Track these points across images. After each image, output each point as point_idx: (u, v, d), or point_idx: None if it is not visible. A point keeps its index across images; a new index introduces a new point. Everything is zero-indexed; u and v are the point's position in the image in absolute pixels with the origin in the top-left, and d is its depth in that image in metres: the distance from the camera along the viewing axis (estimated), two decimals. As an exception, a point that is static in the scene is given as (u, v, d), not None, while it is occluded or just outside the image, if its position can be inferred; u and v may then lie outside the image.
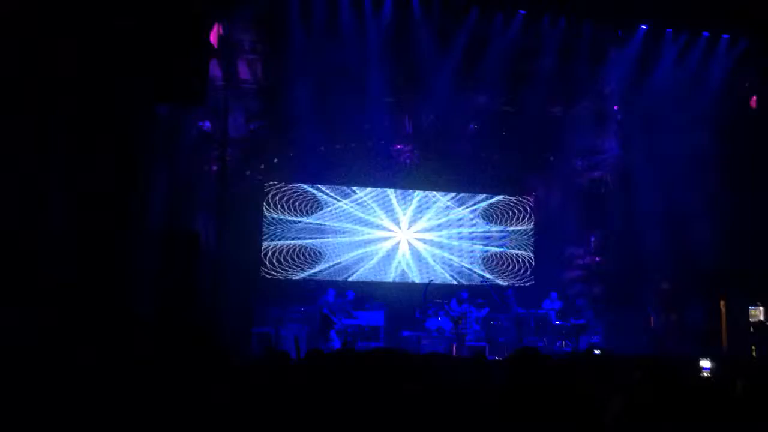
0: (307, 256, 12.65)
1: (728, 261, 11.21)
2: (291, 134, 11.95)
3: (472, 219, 13.45)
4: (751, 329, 10.60)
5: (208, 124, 10.76)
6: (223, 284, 10.02)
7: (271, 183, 12.60)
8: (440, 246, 13.25)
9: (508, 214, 13.57)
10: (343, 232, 12.89)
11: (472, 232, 13.42)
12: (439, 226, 13.28)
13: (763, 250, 11.03)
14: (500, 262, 13.41)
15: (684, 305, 11.66)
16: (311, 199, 12.80)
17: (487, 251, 13.41)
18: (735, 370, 4.24)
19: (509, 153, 12.97)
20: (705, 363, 5.08)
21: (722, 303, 10.98)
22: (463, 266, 13.23)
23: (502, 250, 13.42)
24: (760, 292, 10.84)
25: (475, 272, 13.23)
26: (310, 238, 12.70)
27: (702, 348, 10.18)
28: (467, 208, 13.45)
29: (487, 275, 13.19)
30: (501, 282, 13.20)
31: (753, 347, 10.30)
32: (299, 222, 12.66)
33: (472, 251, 13.35)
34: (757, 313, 10.78)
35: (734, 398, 2.93)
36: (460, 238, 13.35)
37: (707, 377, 4.82)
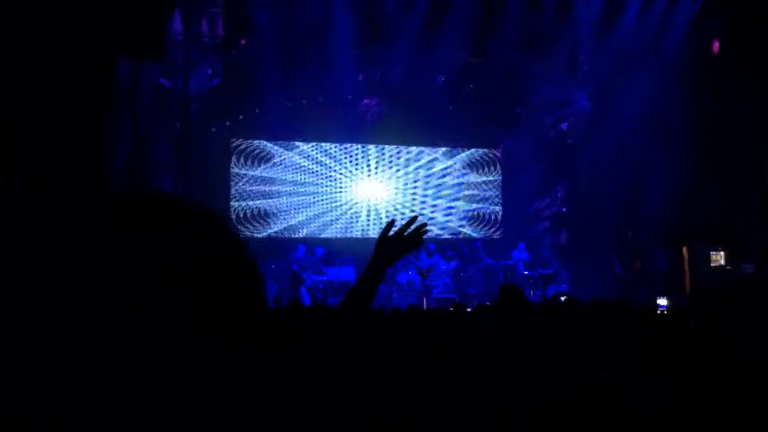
0: (275, 214, 12.58)
1: (691, 209, 11.49)
2: (256, 90, 11.75)
3: (441, 172, 13.47)
4: (712, 274, 10.90)
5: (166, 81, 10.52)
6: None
7: (237, 140, 12.42)
8: (407, 199, 13.27)
9: (475, 167, 13.62)
10: (311, 188, 12.82)
11: (440, 185, 13.45)
12: (406, 179, 13.28)
13: (725, 197, 11.30)
14: (469, 215, 13.51)
15: (648, 253, 11.95)
16: (278, 155, 12.67)
17: (454, 205, 13.48)
18: (689, 308, 4.40)
19: (476, 106, 12.95)
20: (662, 302, 5.36)
21: (685, 249, 11.24)
22: (431, 219, 13.30)
23: (469, 204, 13.51)
24: (722, 237, 11.13)
25: (443, 225, 13.33)
26: (278, 196, 12.61)
27: (665, 293, 10.47)
28: (436, 161, 13.46)
29: (456, 228, 13.30)
30: (470, 234, 13.32)
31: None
32: (266, 179, 12.55)
33: (439, 204, 13.41)
34: (718, 257, 11.07)
35: (685, 329, 3.05)
36: (428, 192, 13.39)
37: (662, 313, 5.03)
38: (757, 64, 10.89)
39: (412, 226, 1.95)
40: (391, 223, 2.00)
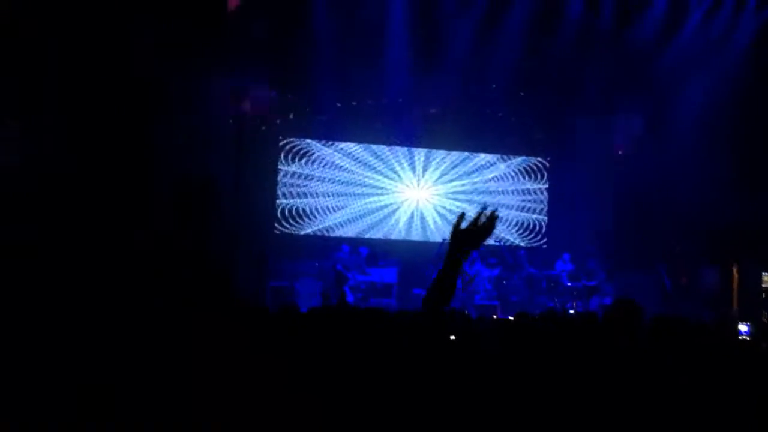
0: (320, 212, 12.73)
1: (744, 224, 11.18)
2: (308, 90, 11.93)
3: (487, 178, 13.43)
4: (763, 295, 10.60)
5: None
6: (238, 236, 10.16)
7: (286, 139, 12.61)
8: (454, 204, 13.26)
9: (523, 174, 13.53)
10: (357, 189, 12.92)
11: (486, 191, 13.40)
12: (452, 184, 13.27)
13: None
14: (514, 223, 13.43)
15: (696, 269, 11.69)
16: (325, 155, 12.82)
17: (502, 211, 13.41)
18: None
19: (527, 113, 12.88)
20: (743, 327, 5.12)
21: (734, 267, 10.96)
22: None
23: (514, 212, 13.43)
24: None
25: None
26: (323, 195, 12.76)
27: (712, 312, 10.23)
28: (483, 167, 13.42)
29: (502, 235, 13.24)
30: (514, 242, 13.24)
31: (764, 313, 10.32)
32: (313, 178, 12.70)
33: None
34: (769, 278, 10.77)
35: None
36: (473, 198, 13.35)
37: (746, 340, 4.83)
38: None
39: (484, 216, 1.98)
40: (462, 216, 2.04)
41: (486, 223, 1.97)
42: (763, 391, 2.53)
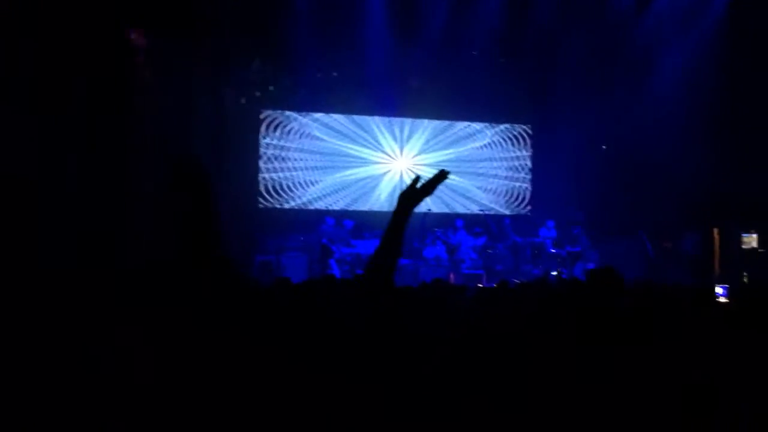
0: (305, 186, 12.66)
1: (725, 189, 11.31)
2: (287, 61, 11.76)
3: (471, 146, 13.41)
4: (743, 257, 10.76)
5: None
6: (223, 212, 10.06)
7: (266, 111, 12.47)
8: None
9: (506, 142, 13.54)
10: (342, 161, 12.85)
11: (470, 160, 13.40)
12: (436, 153, 13.25)
13: (761, 177, 11.10)
14: (498, 191, 13.46)
15: (678, 233, 11.82)
16: (307, 127, 12.70)
17: (483, 179, 13.44)
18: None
19: (510, 80, 12.80)
20: (719, 289, 5.17)
21: (716, 231, 11.11)
22: (461, 194, 13.28)
23: (498, 180, 13.46)
24: (754, 219, 10.96)
25: (473, 200, 13.31)
26: (306, 168, 12.67)
27: (694, 276, 10.38)
28: (467, 136, 13.40)
29: (485, 204, 13.27)
30: (499, 210, 13.29)
31: (744, 274, 10.48)
32: (295, 151, 12.60)
33: (469, 179, 13.38)
34: (750, 240, 10.92)
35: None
36: (458, 166, 13.34)
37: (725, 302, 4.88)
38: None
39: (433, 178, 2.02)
40: (416, 180, 2.07)
41: (431, 179, 2.00)
42: (734, 350, 2.57)
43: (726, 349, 2.62)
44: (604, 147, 12.70)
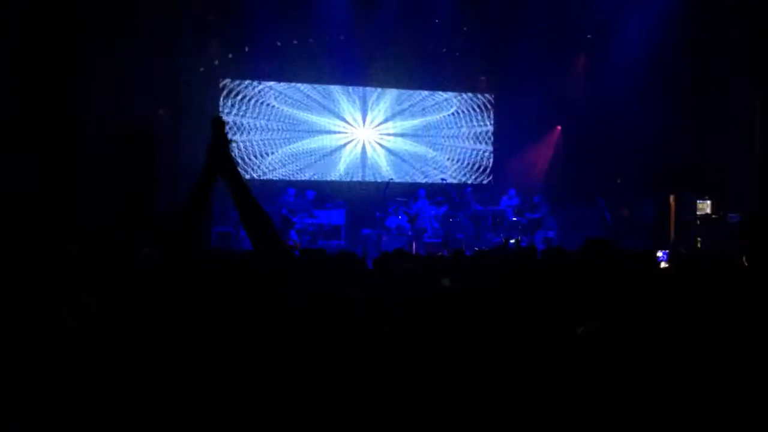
0: (264, 155, 12.51)
1: (682, 157, 11.54)
2: (244, 29, 11.51)
3: (433, 116, 13.39)
4: (698, 222, 11.01)
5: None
6: (180, 183, 9.92)
7: (225, 80, 12.23)
8: (401, 144, 13.22)
9: (468, 111, 13.54)
10: (303, 130, 12.72)
11: (431, 129, 13.39)
12: (398, 123, 13.20)
13: (716, 145, 11.35)
14: (460, 160, 13.50)
15: (636, 201, 12.04)
16: (268, 96, 12.52)
17: (446, 149, 13.45)
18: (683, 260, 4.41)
19: (471, 49, 12.76)
20: (659, 253, 5.26)
21: (672, 197, 11.33)
22: (423, 164, 13.29)
23: (460, 149, 13.49)
24: (709, 186, 11.22)
25: (435, 170, 13.33)
26: (267, 138, 12.52)
27: (651, 242, 10.60)
28: (429, 105, 13.36)
29: (448, 173, 13.31)
30: (462, 180, 13.34)
31: (698, 239, 10.74)
32: (255, 119, 12.42)
33: (431, 148, 13.38)
34: (704, 206, 11.16)
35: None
36: (421, 136, 13.33)
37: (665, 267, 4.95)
38: (753, 7, 10.74)
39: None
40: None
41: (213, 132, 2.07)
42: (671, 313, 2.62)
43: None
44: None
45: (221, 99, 12.14)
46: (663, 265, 4.96)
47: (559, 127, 13.43)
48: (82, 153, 8.83)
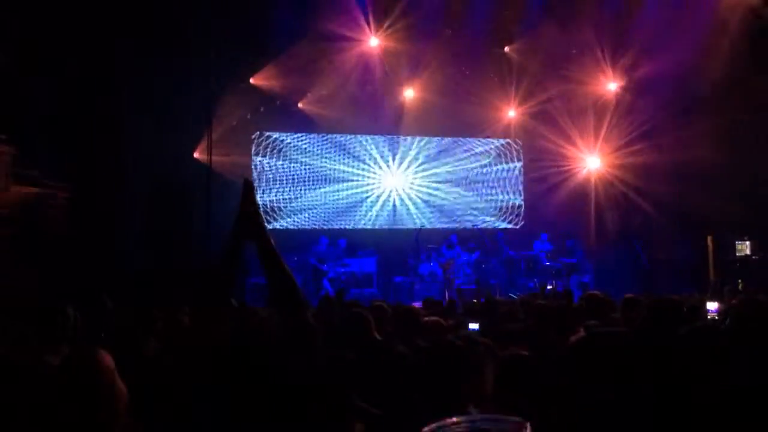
0: (296, 205, 12.63)
1: (719, 198, 11.27)
2: (276, 80, 11.77)
3: (462, 162, 13.42)
4: (738, 264, 10.74)
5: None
6: (213, 235, 10.04)
7: (257, 132, 12.46)
8: (431, 191, 13.25)
9: (497, 156, 13.56)
10: (332, 180, 12.84)
11: (460, 175, 13.41)
12: (427, 170, 13.26)
13: (754, 185, 11.09)
14: (491, 205, 13.45)
15: (672, 243, 11.79)
16: (299, 147, 12.71)
17: (478, 195, 13.44)
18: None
19: (498, 95, 12.84)
20: (711, 305, 4.79)
21: (709, 239, 11.09)
22: (453, 210, 13.28)
23: (492, 193, 13.46)
24: (747, 226, 10.95)
25: (465, 216, 13.30)
26: (298, 187, 12.64)
27: (690, 285, 10.34)
28: (457, 152, 13.42)
29: (478, 218, 13.26)
30: (493, 224, 13.27)
31: (739, 281, 10.45)
32: (288, 171, 12.58)
33: (462, 195, 13.38)
34: (743, 247, 10.90)
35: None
36: (450, 182, 13.36)
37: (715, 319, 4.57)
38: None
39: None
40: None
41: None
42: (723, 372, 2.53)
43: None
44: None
45: (252, 149, 12.34)
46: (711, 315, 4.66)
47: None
48: (120, 196, 9.18)
